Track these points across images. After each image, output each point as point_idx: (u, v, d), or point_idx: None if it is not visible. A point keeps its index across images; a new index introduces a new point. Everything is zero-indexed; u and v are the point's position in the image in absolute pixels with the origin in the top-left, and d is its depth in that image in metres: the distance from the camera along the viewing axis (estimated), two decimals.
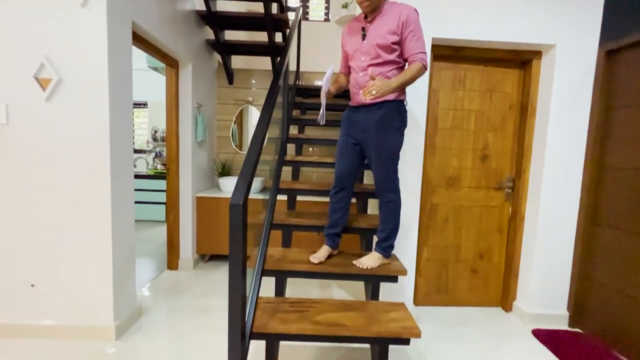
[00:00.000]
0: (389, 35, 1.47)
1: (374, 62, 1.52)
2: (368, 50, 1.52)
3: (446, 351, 1.86)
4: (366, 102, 1.55)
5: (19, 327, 1.76)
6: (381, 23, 1.50)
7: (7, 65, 1.66)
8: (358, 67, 1.57)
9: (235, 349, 1.14)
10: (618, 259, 1.91)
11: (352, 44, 1.60)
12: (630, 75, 1.88)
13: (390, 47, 1.49)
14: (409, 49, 1.48)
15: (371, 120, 1.55)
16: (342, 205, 1.73)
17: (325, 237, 1.77)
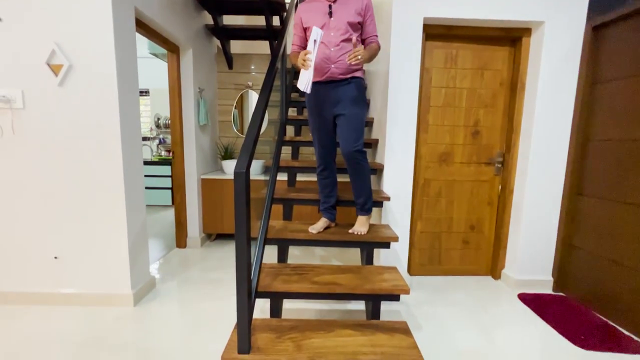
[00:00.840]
0: (357, 15, 1.61)
1: (345, 38, 1.61)
2: (338, 26, 1.61)
3: (437, 313, 2.01)
4: (337, 76, 1.64)
5: (45, 295, 1.93)
6: (346, 3, 1.61)
7: (21, 52, 1.76)
8: (329, 42, 1.63)
9: (243, 304, 1.28)
10: (600, 226, 2.03)
11: (316, 19, 1.63)
12: (616, 49, 1.95)
13: (356, 26, 1.63)
14: (369, 31, 1.67)
15: (344, 93, 1.67)
16: (329, 180, 1.87)
17: (322, 212, 1.91)
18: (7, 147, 1.82)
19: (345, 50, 1.63)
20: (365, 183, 1.79)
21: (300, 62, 1.54)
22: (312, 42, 1.52)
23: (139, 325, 1.79)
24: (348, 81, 1.66)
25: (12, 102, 1.79)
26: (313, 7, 1.67)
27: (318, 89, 1.70)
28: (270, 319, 1.56)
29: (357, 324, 1.51)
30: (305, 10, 1.69)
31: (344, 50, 1.63)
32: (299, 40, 1.76)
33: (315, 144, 1.83)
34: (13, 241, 1.91)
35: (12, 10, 1.73)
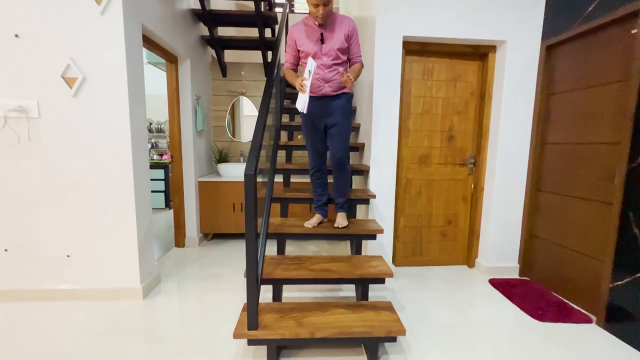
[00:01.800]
0: (344, 41, 1.86)
1: (336, 62, 1.88)
2: (329, 52, 1.86)
3: (418, 297, 2.28)
4: (329, 93, 1.91)
5: (58, 291, 2.07)
6: (336, 31, 1.86)
7: (38, 67, 1.91)
8: (322, 65, 1.88)
9: (252, 288, 1.49)
10: (555, 217, 2.35)
11: (310, 46, 1.87)
12: (565, 65, 2.28)
13: (344, 50, 1.88)
14: (354, 51, 1.93)
15: (336, 107, 1.93)
16: (321, 181, 2.12)
17: (315, 209, 2.14)
18: (23, 153, 1.96)
19: (337, 71, 1.88)
20: (346, 184, 2.09)
21: (298, 87, 1.77)
22: (307, 72, 1.77)
23: (150, 315, 1.96)
24: (339, 96, 1.93)
25: (28, 112, 1.93)
26: (306, 32, 1.88)
27: (313, 102, 1.93)
28: (273, 302, 1.78)
29: (348, 305, 1.74)
30: (299, 32, 1.90)
31: (335, 71, 1.88)
32: (292, 58, 1.98)
33: (308, 149, 2.07)
34: (29, 241, 2.04)
35: (30, 27, 1.87)
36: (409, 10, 2.35)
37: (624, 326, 1.79)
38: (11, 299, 2.05)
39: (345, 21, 1.88)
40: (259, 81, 3.77)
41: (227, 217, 3.32)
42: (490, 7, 2.39)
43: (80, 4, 1.88)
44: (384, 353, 1.65)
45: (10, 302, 2.04)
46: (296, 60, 1.99)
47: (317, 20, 1.83)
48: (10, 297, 2.04)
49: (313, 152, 2.06)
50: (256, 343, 1.52)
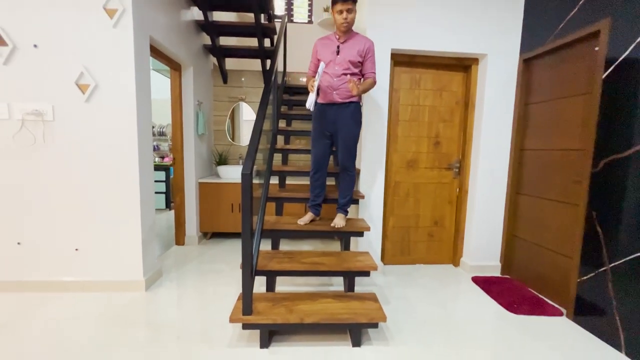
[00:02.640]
0: (358, 56, 2.04)
1: (346, 72, 2.04)
2: (341, 62, 2.05)
3: (405, 293, 2.43)
4: (338, 100, 2.07)
5: (67, 283, 2.21)
6: (351, 45, 2.05)
7: (54, 74, 2.08)
8: (333, 74, 2.07)
9: (247, 278, 1.65)
10: (532, 219, 2.51)
11: (327, 55, 2.09)
12: (540, 77, 2.46)
13: (356, 63, 2.05)
14: (367, 68, 2.08)
15: (343, 114, 2.09)
16: (320, 183, 2.27)
17: (309, 208, 2.30)
18: (38, 154, 2.12)
19: (345, 81, 2.05)
20: (349, 188, 2.23)
21: (308, 87, 2.02)
22: (317, 74, 2.00)
23: (153, 305, 2.11)
24: (347, 105, 2.08)
25: (43, 115, 2.10)
26: (326, 44, 2.11)
27: (323, 109, 2.13)
28: (267, 292, 1.93)
29: (336, 295, 1.90)
30: (321, 44, 2.13)
31: (344, 81, 2.05)
32: (313, 66, 2.20)
33: (312, 151, 2.23)
34: (40, 235, 2.19)
35: (48, 38, 2.05)
36: (397, 25, 2.54)
37: (590, 318, 1.94)
38: (23, 290, 2.19)
39: (362, 39, 2.07)
40: (257, 88, 3.96)
41: (226, 217, 3.47)
42: (473, 23, 2.58)
43: (95, 17, 2.06)
44: (367, 339, 1.80)
45: (22, 293, 2.18)
46: (316, 68, 2.18)
47: (340, 28, 2.03)
48: (23, 287, 2.19)
49: (316, 154, 2.20)
50: (250, 327, 1.67)
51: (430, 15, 2.56)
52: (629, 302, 1.73)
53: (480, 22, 2.58)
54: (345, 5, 1.94)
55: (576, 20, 2.10)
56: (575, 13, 2.10)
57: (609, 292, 1.83)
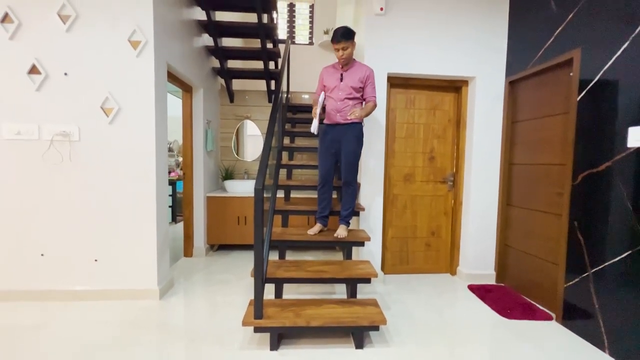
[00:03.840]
0: (359, 82, 2.28)
1: (348, 97, 2.28)
2: (344, 88, 2.30)
3: (403, 299, 2.56)
4: (341, 122, 2.31)
5: (86, 292, 2.35)
6: (353, 73, 2.30)
7: (81, 99, 2.29)
8: (337, 98, 2.32)
9: (259, 285, 1.80)
10: (522, 229, 2.68)
11: (332, 82, 2.35)
12: (524, 98, 2.68)
13: (358, 89, 2.29)
14: (368, 92, 2.32)
15: (346, 135, 2.32)
16: (326, 195, 2.45)
17: (317, 219, 2.48)
18: (65, 171, 2.31)
19: (347, 105, 2.30)
20: (350, 201, 2.41)
21: (312, 113, 2.30)
22: (320, 101, 2.29)
23: (167, 312, 2.25)
24: (349, 125, 2.32)
25: (70, 136, 2.29)
26: (331, 72, 2.38)
27: (329, 129, 2.39)
28: (275, 299, 2.08)
29: (339, 301, 2.05)
30: (327, 73, 2.40)
31: (346, 104, 2.30)
32: (319, 90, 2.46)
33: (319, 167, 2.45)
34: (62, 247, 2.34)
35: (77, 67, 2.27)
36: (393, 51, 2.78)
37: (577, 322, 2.08)
38: (46, 299, 2.32)
39: (362, 68, 2.32)
40: (262, 106, 4.19)
41: (232, 229, 3.63)
42: (462, 49, 2.83)
43: (120, 48, 2.29)
44: (369, 342, 1.93)
45: (45, 302, 2.31)
46: (320, 92, 2.44)
47: (340, 61, 2.29)
48: (45, 296, 2.33)
49: (322, 170, 2.43)
50: (261, 330, 1.82)
51: (423, 42, 2.80)
52: (610, 305, 1.88)
53: (469, 48, 2.83)
54: (339, 45, 2.21)
55: (552, 49, 2.33)
56: (551, 42, 2.33)
57: (592, 296, 1.98)
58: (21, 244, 2.32)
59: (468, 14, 2.81)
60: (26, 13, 2.23)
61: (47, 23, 2.24)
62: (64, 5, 2.24)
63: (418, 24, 2.79)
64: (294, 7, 5.54)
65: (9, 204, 2.29)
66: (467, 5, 2.81)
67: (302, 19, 5.63)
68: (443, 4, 2.80)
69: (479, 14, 2.82)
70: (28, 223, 2.32)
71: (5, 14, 2.21)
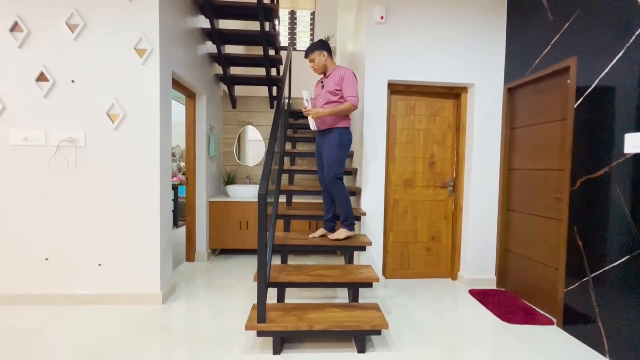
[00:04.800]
0: (335, 85, 2.33)
1: (326, 103, 2.36)
2: (323, 95, 2.39)
3: (404, 303, 2.58)
4: (321, 128, 2.41)
5: (90, 296, 2.37)
6: (330, 79, 2.38)
7: (88, 105, 2.33)
8: (319, 105, 2.42)
9: (262, 289, 1.82)
10: (522, 233, 2.70)
11: (317, 91, 2.49)
12: (522, 105, 2.73)
13: (334, 92, 2.33)
14: (345, 92, 2.31)
15: (326, 139, 2.40)
16: (327, 200, 2.48)
17: (323, 223, 2.51)
18: (70, 177, 2.34)
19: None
20: (342, 203, 2.39)
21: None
22: (305, 101, 2.37)
23: (170, 316, 2.26)
24: (329, 131, 2.38)
25: (77, 142, 2.33)
26: (318, 83, 2.50)
27: (317, 137, 2.50)
28: (278, 303, 2.10)
29: (342, 305, 2.06)
30: (316, 84, 2.52)
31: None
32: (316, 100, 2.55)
33: (318, 173, 2.54)
34: (67, 251, 2.37)
35: (85, 74, 2.32)
36: (393, 59, 2.84)
37: (578, 326, 2.09)
38: (50, 303, 2.34)
39: (339, 71, 2.35)
40: (264, 112, 4.24)
41: (234, 234, 3.65)
42: (461, 57, 2.88)
43: (127, 57, 2.34)
44: (371, 346, 1.94)
45: (49, 306, 2.33)
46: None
47: (316, 73, 2.43)
48: (49, 301, 2.34)
49: (319, 176, 2.53)
50: (264, 334, 1.83)
51: (423, 50, 2.86)
52: (610, 310, 1.89)
53: (468, 56, 2.88)
54: (309, 59, 2.39)
55: (549, 57, 2.38)
56: (549, 51, 2.38)
57: (592, 301, 1.99)
58: (27, 248, 2.34)
59: (467, 23, 2.87)
60: (35, 22, 2.29)
61: (56, 32, 2.30)
62: (73, 15, 2.29)
63: (418, 32, 2.85)
64: (295, 15, 5.63)
65: (16, 208, 2.33)
66: (466, 14, 2.87)
67: (303, 26, 5.72)
68: (442, 13, 2.86)
69: (478, 22, 2.87)
70: (34, 228, 2.34)
71: (15, 23, 2.26)
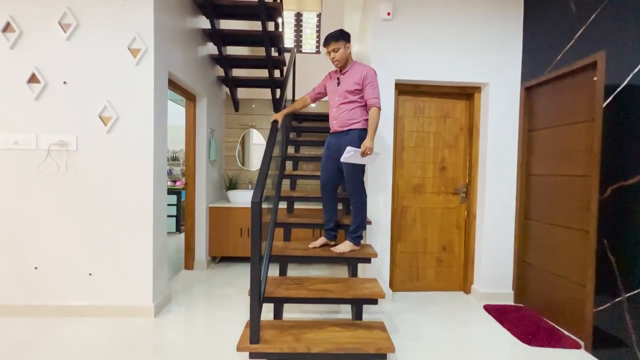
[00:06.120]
0: (354, 84, 2.09)
1: (344, 102, 2.13)
2: (340, 93, 2.14)
3: (413, 319, 2.38)
4: (338, 129, 2.16)
5: (79, 307, 2.26)
6: (349, 76, 2.13)
7: (79, 108, 2.24)
8: (333, 105, 2.18)
9: (255, 306, 1.66)
10: (543, 245, 2.48)
11: (331, 87, 2.22)
12: (542, 105, 2.52)
13: (353, 92, 2.10)
14: (368, 94, 2.08)
15: (344, 142, 2.12)
16: (327, 208, 2.31)
17: (324, 232, 2.33)
18: (61, 182, 2.24)
19: (342, 110, 2.13)
20: (357, 215, 2.19)
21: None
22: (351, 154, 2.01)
23: (161, 331, 2.12)
24: (346, 132, 2.13)
25: (67, 145, 2.24)
26: (332, 76, 2.25)
27: (330, 139, 2.24)
28: (274, 320, 1.93)
29: (343, 323, 1.88)
30: (329, 76, 2.27)
31: (342, 110, 2.13)
32: (318, 89, 2.33)
33: (321, 178, 2.30)
34: (56, 260, 2.26)
35: (77, 75, 2.23)
36: (400, 57, 2.67)
37: (610, 351, 1.86)
38: (38, 314, 2.23)
39: (360, 68, 2.12)
40: (267, 115, 4.12)
41: (235, 241, 3.51)
42: (474, 54, 2.69)
43: (120, 56, 2.24)
44: None
45: (36, 317, 2.22)
46: (317, 93, 2.33)
47: (335, 65, 2.16)
48: (37, 312, 2.24)
49: (322, 180, 2.28)
50: (257, 356, 1.66)
51: (432, 47, 2.68)
52: None
53: (482, 53, 2.69)
54: (329, 47, 2.09)
55: (573, 52, 2.17)
56: (571, 46, 2.18)
57: (627, 323, 1.77)
58: (15, 257, 2.25)
59: (480, 17, 2.69)
60: (28, 22, 2.21)
61: (48, 32, 2.22)
62: (66, 14, 2.21)
63: (427, 28, 2.68)
64: (301, 17, 5.53)
65: (3, 215, 2.23)
66: (479, 9, 2.69)
67: (309, 28, 5.60)
68: (453, 7, 2.69)
69: (492, 16, 2.69)
70: (22, 235, 2.25)
71: (7, 23, 2.19)
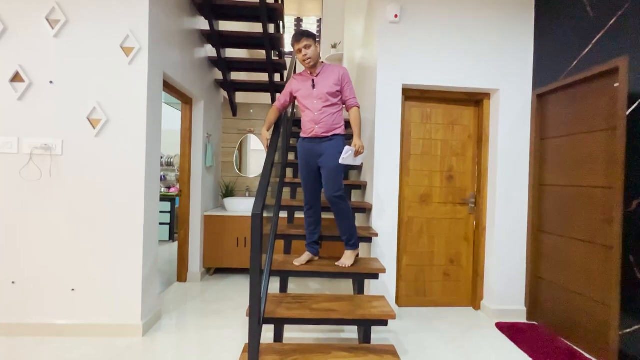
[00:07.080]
0: (334, 86, 2.01)
1: (326, 105, 2.01)
2: (319, 95, 2.02)
3: (421, 339, 2.22)
4: (320, 134, 2.03)
5: (60, 326, 2.06)
6: (325, 77, 2.03)
7: (67, 109, 2.08)
8: (314, 109, 2.03)
9: (254, 330, 1.50)
10: (558, 259, 2.34)
11: (304, 90, 2.06)
12: (555, 113, 2.42)
13: (335, 94, 2.01)
14: (346, 95, 2.05)
15: (326, 147, 2.02)
16: (313, 219, 2.17)
17: (307, 247, 2.17)
18: (44, 189, 2.07)
19: (326, 114, 2.01)
20: (347, 222, 2.08)
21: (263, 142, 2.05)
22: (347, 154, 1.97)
23: (149, 352, 1.93)
24: (330, 138, 2.03)
25: (52, 150, 2.07)
26: (302, 79, 2.09)
27: (309, 145, 2.07)
28: (274, 343, 1.76)
29: (350, 347, 1.72)
30: (297, 80, 2.11)
31: (325, 114, 2.01)
32: (283, 99, 2.16)
33: (303, 187, 2.16)
34: (36, 274, 2.07)
35: (64, 74, 2.08)
36: (407, 62, 2.56)
37: None
38: (15, 333, 2.04)
39: (334, 69, 2.06)
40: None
41: (231, 252, 3.34)
42: (483, 59, 2.59)
43: (112, 54, 2.09)
44: None
45: (15, 337, 2.03)
46: (285, 101, 2.16)
47: (305, 65, 2.02)
48: (14, 331, 2.04)
49: (306, 190, 2.13)
50: None
51: (440, 52, 2.58)
52: None
53: (491, 58, 2.60)
54: (301, 44, 1.95)
55: (591, 57, 2.08)
56: (589, 51, 2.09)
57: None
58: None
59: (490, 21, 2.60)
60: (13, 17, 2.06)
61: (35, 28, 2.07)
62: (54, 9, 2.07)
63: (435, 32, 2.58)
64: (301, 21, 5.46)
65: None
66: (489, 12, 2.60)
67: None
68: (462, 11, 2.59)
69: (502, 21, 2.60)
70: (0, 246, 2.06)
71: None
